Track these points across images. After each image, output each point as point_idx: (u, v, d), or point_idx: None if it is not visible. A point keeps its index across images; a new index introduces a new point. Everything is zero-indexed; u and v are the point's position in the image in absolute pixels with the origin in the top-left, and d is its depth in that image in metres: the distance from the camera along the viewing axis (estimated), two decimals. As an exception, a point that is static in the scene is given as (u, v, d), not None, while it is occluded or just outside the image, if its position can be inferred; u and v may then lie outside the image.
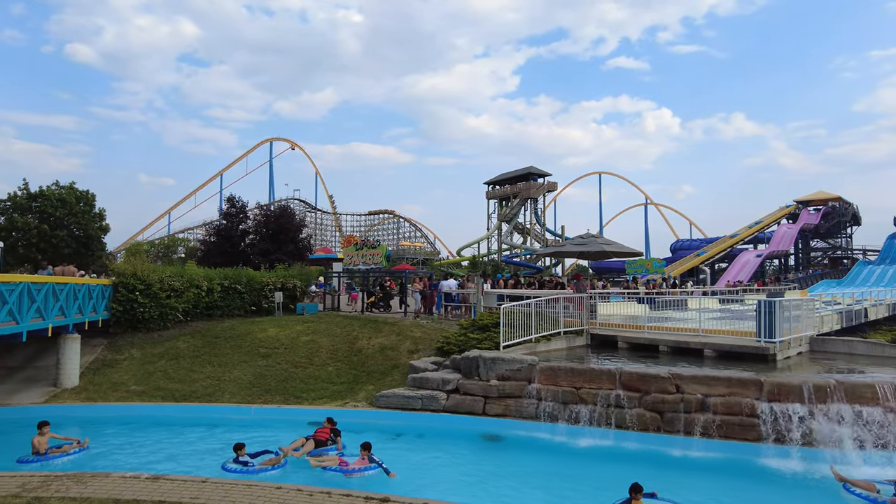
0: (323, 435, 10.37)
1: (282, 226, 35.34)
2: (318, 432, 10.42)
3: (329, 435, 10.43)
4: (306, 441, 10.04)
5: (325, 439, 10.31)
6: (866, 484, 8.15)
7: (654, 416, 10.61)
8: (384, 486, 8.20)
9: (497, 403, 11.92)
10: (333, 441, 10.37)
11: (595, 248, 21.73)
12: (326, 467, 9.29)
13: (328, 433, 10.46)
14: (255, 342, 16.86)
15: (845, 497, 8.14)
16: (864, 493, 8.02)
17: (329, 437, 10.40)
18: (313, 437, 10.21)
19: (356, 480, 8.80)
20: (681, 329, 15.68)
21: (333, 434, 10.48)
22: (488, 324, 15.15)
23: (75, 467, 9.05)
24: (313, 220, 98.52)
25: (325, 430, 10.51)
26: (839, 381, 10.15)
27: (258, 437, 10.99)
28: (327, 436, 10.40)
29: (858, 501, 7.98)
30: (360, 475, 8.99)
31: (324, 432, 10.45)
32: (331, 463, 9.41)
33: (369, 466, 9.15)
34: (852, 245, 71.17)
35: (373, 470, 9.09)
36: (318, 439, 10.22)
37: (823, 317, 17.12)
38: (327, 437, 10.37)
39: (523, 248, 64.47)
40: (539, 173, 64.96)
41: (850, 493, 8.16)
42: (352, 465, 9.21)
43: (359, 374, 14.89)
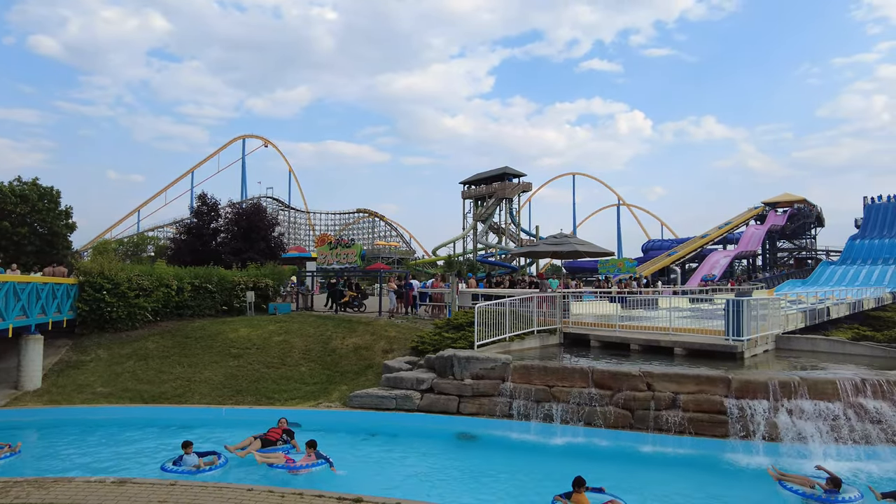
0: (274, 435, 10.29)
1: (254, 224, 34.80)
2: (271, 432, 10.35)
3: (280, 435, 10.34)
4: (254, 440, 9.95)
5: (275, 439, 10.22)
6: (802, 479, 8.35)
7: (626, 413, 10.75)
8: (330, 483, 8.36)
9: (471, 402, 11.95)
10: (285, 441, 10.28)
11: (568, 247, 21.95)
12: (272, 464, 9.25)
13: (279, 433, 10.38)
14: (226, 342, 16.59)
15: (781, 493, 8.30)
16: (799, 489, 8.19)
17: (280, 437, 10.31)
18: (264, 437, 10.14)
19: (302, 477, 8.84)
20: (652, 328, 15.95)
21: (286, 434, 10.39)
22: (463, 323, 15.18)
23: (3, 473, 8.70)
24: (287, 219, 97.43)
25: (276, 431, 10.42)
26: (803, 378, 10.44)
27: (228, 438, 10.80)
28: (278, 436, 10.31)
29: (794, 497, 8.14)
30: (307, 471, 9.03)
31: (275, 432, 10.37)
32: (277, 460, 9.36)
33: (315, 463, 9.20)
34: (816, 246, 73.30)
35: (319, 466, 9.16)
36: (268, 439, 10.14)
37: (789, 316, 17.56)
38: (278, 438, 10.28)
39: (498, 248, 64.75)
40: (514, 173, 65.32)
41: (785, 488, 8.33)
42: (298, 462, 9.22)
43: (332, 375, 14.77)
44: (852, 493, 7.98)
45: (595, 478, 8.53)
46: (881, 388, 10.31)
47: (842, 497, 7.87)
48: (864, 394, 10.24)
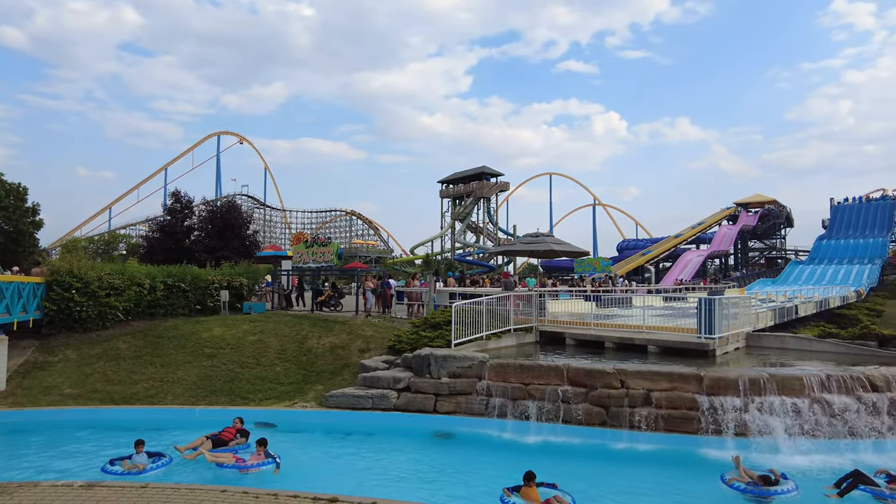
0: (227, 435, 10.20)
1: (228, 222, 34.36)
2: (225, 431, 10.26)
3: (234, 435, 10.24)
4: (206, 440, 9.85)
5: (228, 439, 10.11)
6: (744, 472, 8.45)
7: (600, 410, 10.88)
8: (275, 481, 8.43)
9: (448, 401, 11.97)
10: (238, 441, 10.17)
11: (544, 247, 22.11)
12: (221, 464, 9.19)
13: (233, 433, 10.28)
14: (199, 342, 16.35)
15: (721, 488, 8.39)
16: (740, 484, 8.29)
17: (234, 437, 10.21)
18: (218, 436, 10.05)
19: (251, 476, 8.80)
20: (626, 326, 16.16)
21: (240, 434, 10.29)
22: (440, 322, 15.19)
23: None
24: (262, 217, 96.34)
25: (231, 430, 10.33)
26: (771, 375, 10.68)
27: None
28: (231, 436, 10.21)
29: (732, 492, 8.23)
30: (257, 470, 9.00)
31: (229, 432, 10.28)
32: (226, 460, 9.30)
33: (265, 462, 9.17)
34: (786, 245, 75.08)
35: (268, 465, 9.14)
36: (221, 438, 10.04)
37: (759, 314, 17.95)
38: (231, 438, 10.18)
39: (476, 247, 64.93)
40: (492, 173, 65.54)
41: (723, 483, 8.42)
42: (248, 462, 9.18)
43: (308, 374, 14.65)
44: (787, 485, 8.13)
45: (568, 474, 8.67)
46: (845, 384, 10.60)
47: (775, 489, 8.01)
48: (829, 389, 10.51)
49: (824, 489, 8.09)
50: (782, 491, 8.04)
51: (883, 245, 55.87)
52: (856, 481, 7.94)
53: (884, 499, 7.87)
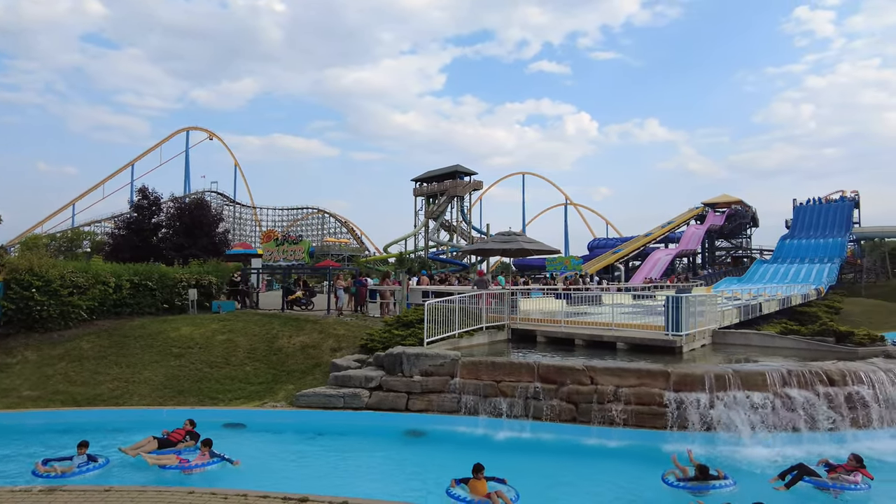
0: (176, 436, 9.99)
1: (197, 219, 33.82)
2: (175, 432, 10.06)
3: (183, 436, 10.03)
4: (152, 441, 9.66)
5: (176, 440, 9.91)
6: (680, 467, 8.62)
7: (570, 406, 11.01)
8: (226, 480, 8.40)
9: (420, 399, 11.97)
10: (188, 444, 9.94)
11: (516, 245, 22.24)
12: (164, 465, 9.02)
13: (183, 434, 10.07)
14: (167, 341, 16.02)
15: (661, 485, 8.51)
16: (673, 479, 8.46)
17: (183, 438, 10.00)
18: (167, 437, 9.86)
19: (196, 476, 8.72)
20: (596, 323, 16.40)
21: (190, 436, 10.06)
22: (413, 320, 15.18)
23: None
24: (232, 214, 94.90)
25: (180, 431, 10.12)
26: (736, 371, 10.95)
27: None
28: (180, 437, 10.00)
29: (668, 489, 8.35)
30: (201, 471, 8.91)
31: (178, 433, 10.06)
32: (169, 461, 9.12)
33: (210, 461, 9.08)
34: (751, 245, 77.10)
35: (214, 464, 9.06)
36: (169, 440, 9.85)
37: (725, 312, 18.39)
38: (180, 439, 9.96)
39: (450, 246, 65.01)
40: (465, 172, 65.70)
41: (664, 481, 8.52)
42: (192, 462, 9.07)
43: (278, 374, 14.50)
44: (726, 481, 8.26)
45: (540, 472, 8.76)
46: (805, 379, 10.93)
47: (712, 484, 8.15)
48: (789, 384, 10.83)
49: (771, 481, 8.32)
50: (718, 485, 8.14)
51: (841, 245, 57.82)
52: (800, 473, 8.24)
53: (826, 488, 8.21)
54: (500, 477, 8.18)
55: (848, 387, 10.96)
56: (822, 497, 8.18)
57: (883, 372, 11.38)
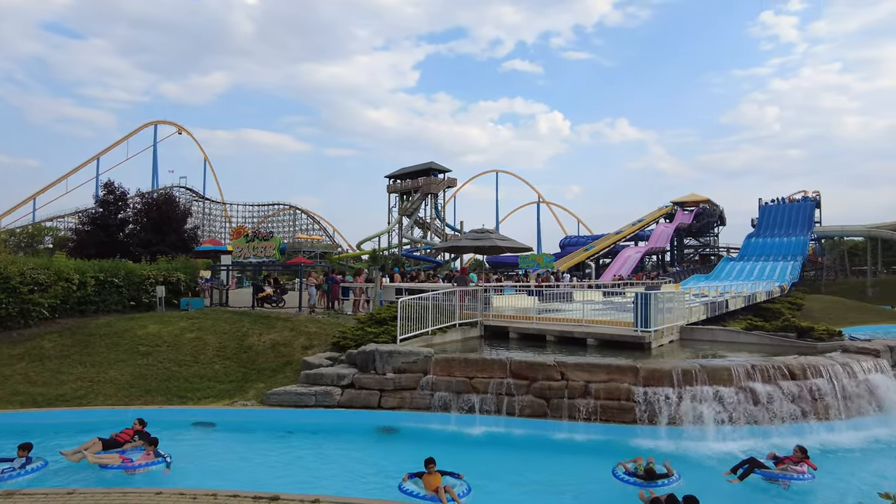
0: (123, 437, 9.73)
1: (165, 215, 33.14)
2: (123, 433, 9.81)
3: (131, 436, 9.76)
4: (97, 442, 9.40)
5: (123, 441, 9.65)
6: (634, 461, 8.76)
7: (541, 402, 11.13)
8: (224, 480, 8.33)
9: (393, 396, 11.96)
10: (136, 444, 9.63)
11: (489, 243, 22.38)
12: (105, 465, 8.84)
13: (130, 434, 9.80)
14: (133, 340, 15.66)
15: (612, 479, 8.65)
16: (622, 472, 8.61)
17: (130, 438, 9.73)
18: (114, 438, 9.62)
19: (139, 476, 8.60)
20: (567, 320, 16.61)
21: (138, 436, 9.76)
22: (386, 317, 15.14)
23: None
24: (201, 210, 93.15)
25: (128, 432, 9.86)
26: (702, 366, 11.20)
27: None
28: (128, 437, 9.74)
29: (618, 483, 8.48)
30: (144, 470, 8.79)
31: (126, 434, 9.80)
32: (111, 461, 8.94)
33: (154, 461, 8.95)
34: (719, 243, 78.86)
35: (157, 465, 8.93)
36: (117, 440, 9.61)
37: (692, 308, 18.78)
38: (127, 439, 9.70)
39: (423, 243, 64.95)
40: (439, 169, 65.68)
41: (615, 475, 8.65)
42: (135, 462, 8.92)
43: (249, 372, 14.31)
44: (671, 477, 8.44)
45: (511, 467, 8.82)
46: (768, 373, 11.26)
47: (658, 482, 8.28)
48: (753, 378, 11.14)
49: (724, 475, 8.56)
50: (663, 483, 8.27)
51: (804, 243, 59.57)
52: (752, 466, 8.53)
53: (775, 479, 8.52)
54: (456, 472, 8.27)
55: (808, 380, 11.33)
56: (772, 487, 8.48)
57: (840, 366, 11.79)
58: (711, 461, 9.32)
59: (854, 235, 66.29)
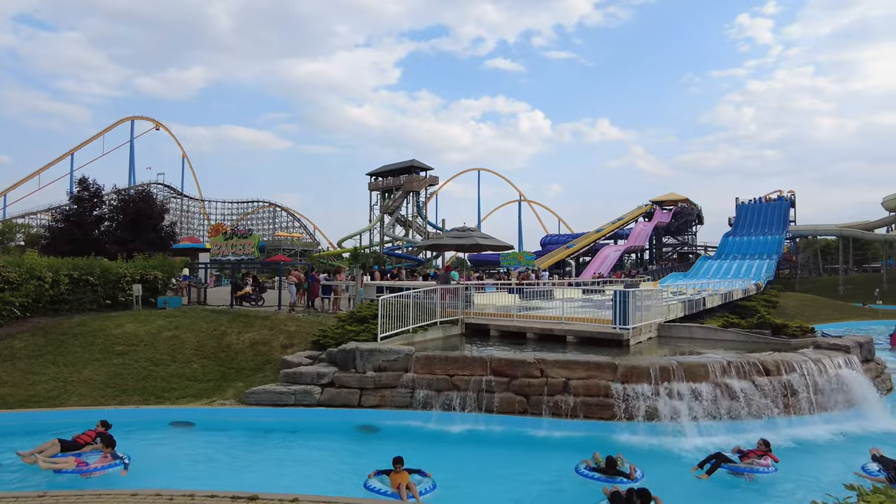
0: (85, 438, 9.43)
1: (142, 212, 32.65)
2: (84, 434, 9.52)
3: (92, 438, 9.44)
4: (56, 443, 9.11)
5: (83, 443, 9.34)
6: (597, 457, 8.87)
7: (522, 399, 11.20)
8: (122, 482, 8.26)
9: (373, 394, 11.93)
10: (96, 446, 9.26)
11: (470, 241, 22.42)
12: (59, 470, 8.56)
13: (92, 436, 9.48)
14: (109, 339, 15.39)
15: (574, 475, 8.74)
16: (584, 468, 8.73)
17: (92, 440, 9.40)
18: (74, 440, 9.33)
19: (95, 480, 8.44)
20: (547, 317, 16.72)
21: (100, 438, 9.37)
22: (367, 315, 15.10)
23: None
24: (179, 207, 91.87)
25: (90, 433, 9.55)
26: (679, 363, 11.37)
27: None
28: (89, 439, 9.42)
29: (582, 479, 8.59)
30: (101, 473, 8.61)
31: (88, 435, 9.51)
32: (65, 465, 8.65)
33: (112, 464, 8.77)
34: (696, 241, 79.93)
35: (115, 467, 8.77)
36: (76, 442, 9.32)
37: (670, 306, 19.04)
38: (88, 441, 9.39)
39: (405, 241, 64.81)
40: (421, 167, 65.58)
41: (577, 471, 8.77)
42: (92, 465, 8.71)
43: (227, 371, 14.16)
44: (634, 474, 8.52)
45: (489, 463, 8.85)
46: (743, 370, 11.47)
47: (619, 479, 8.32)
48: (729, 375, 11.34)
49: (692, 470, 8.69)
50: (623, 481, 8.30)
51: (779, 242, 60.71)
52: (719, 461, 8.69)
53: (740, 473, 8.73)
54: (423, 470, 8.31)
55: (782, 376, 11.56)
56: (738, 481, 8.67)
57: (812, 362, 12.06)
58: (689, 456, 9.46)
59: (827, 234, 67.68)
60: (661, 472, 8.79)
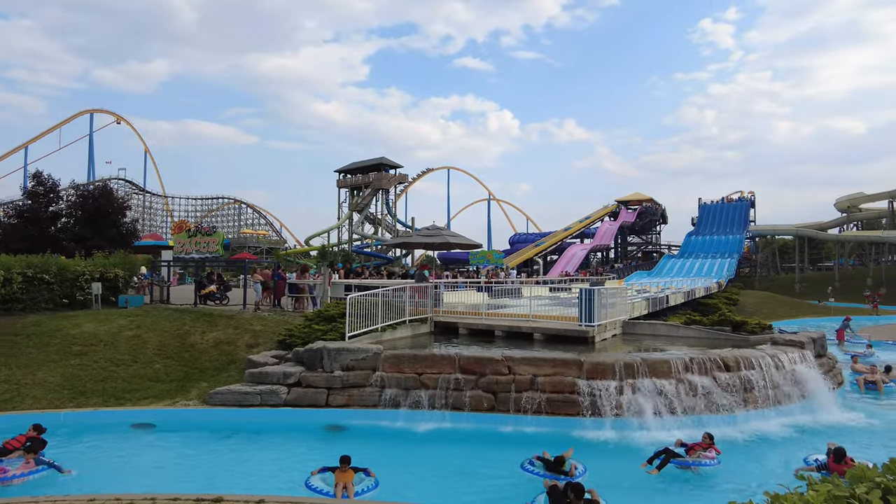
0: (14, 444, 9.05)
1: (102, 208, 31.65)
2: (14, 440, 9.13)
3: (22, 443, 9.04)
4: None
5: (12, 448, 8.98)
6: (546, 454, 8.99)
7: (489, 396, 11.27)
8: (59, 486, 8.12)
9: (341, 394, 11.85)
10: (28, 451, 8.87)
11: (440, 239, 22.46)
12: None
13: (21, 441, 9.08)
14: (66, 339, 14.89)
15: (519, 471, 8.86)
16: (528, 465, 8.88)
17: (22, 445, 9.00)
18: (3, 446, 8.97)
19: (15, 488, 8.14)
20: (514, 315, 16.86)
21: (30, 442, 8.99)
22: (334, 314, 14.97)
23: None
24: (141, 203, 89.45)
25: (19, 439, 9.16)
26: (643, 359, 11.61)
27: (69, 445, 9.80)
28: (18, 444, 9.04)
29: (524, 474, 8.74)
30: (22, 480, 8.27)
31: (17, 440, 9.12)
32: None
33: (35, 470, 8.47)
34: (661, 241, 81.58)
35: (41, 472, 8.48)
36: (6, 448, 8.96)
37: (635, 304, 19.41)
38: (17, 447, 9.01)
39: (374, 239, 64.46)
40: (391, 164, 65.27)
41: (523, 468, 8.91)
42: (12, 472, 8.35)
43: (191, 372, 13.87)
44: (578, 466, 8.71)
45: (458, 461, 8.89)
46: (705, 366, 11.79)
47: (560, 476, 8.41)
48: (691, 371, 11.63)
49: (642, 466, 8.89)
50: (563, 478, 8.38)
51: (740, 241, 62.44)
52: (668, 457, 8.92)
53: (687, 466, 8.96)
54: (363, 467, 8.35)
55: (741, 372, 11.92)
56: (685, 474, 8.85)
57: (770, 357, 12.46)
58: (652, 451, 9.66)
59: (784, 234, 69.85)
60: (617, 467, 8.99)
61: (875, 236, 57.79)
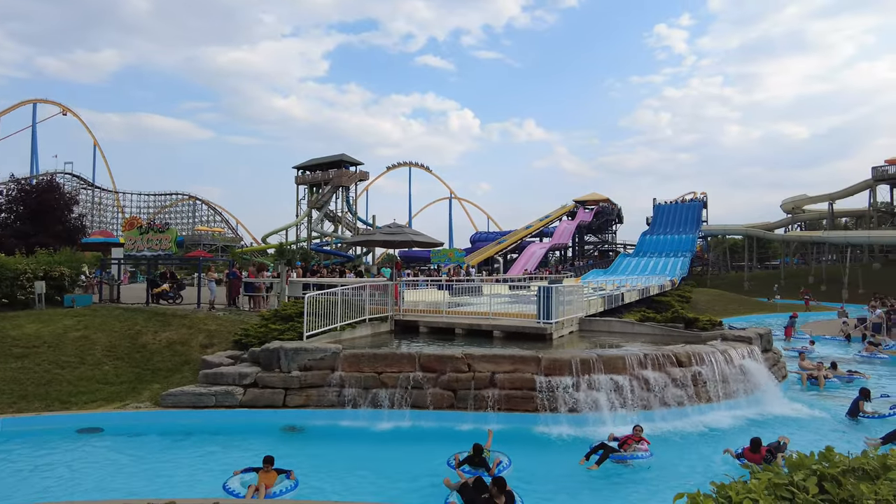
0: None
1: (46, 203, 30.32)
2: None
3: None
4: None
5: None
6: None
7: (449, 394, 11.31)
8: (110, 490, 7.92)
9: (298, 394, 11.68)
10: None
11: (402, 237, 22.33)
12: None
13: None
14: (5, 340, 14.18)
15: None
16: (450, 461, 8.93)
17: None
18: None
19: None
20: (474, 313, 16.98)
21: None
22: (292, 314, 14.74)
23: None
24: (90, 199, 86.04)
25: None
26: (599, 356, 11.85)
27: (10, 453, 9.35)
28: None
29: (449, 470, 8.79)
30: None
31: None
32: None
33: None
34: (616, 240, 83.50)
35: None
36: None
37: (591, 301, 19.80)
38: None
39: (334, 237, 63.78)
40: (351, 161, 64.68)
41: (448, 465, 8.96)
42: None
43: (142, 373, 13.43)
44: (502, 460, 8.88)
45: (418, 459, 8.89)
46: (658, 361, 12.12)
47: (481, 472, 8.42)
48: (645, 367, 11.94)
49: (580, 462, 9.08)
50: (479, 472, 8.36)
51: (692, 241, 64.47)
52: (606, 452, 9.13)
53: (622, 460, 9.20)
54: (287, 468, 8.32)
55: (693, 367, 12.30)
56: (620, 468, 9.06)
57: (720, 353, 12.91)
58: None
59: (734, 234, 72.45)
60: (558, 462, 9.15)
61: (816, 236, 60.68)
